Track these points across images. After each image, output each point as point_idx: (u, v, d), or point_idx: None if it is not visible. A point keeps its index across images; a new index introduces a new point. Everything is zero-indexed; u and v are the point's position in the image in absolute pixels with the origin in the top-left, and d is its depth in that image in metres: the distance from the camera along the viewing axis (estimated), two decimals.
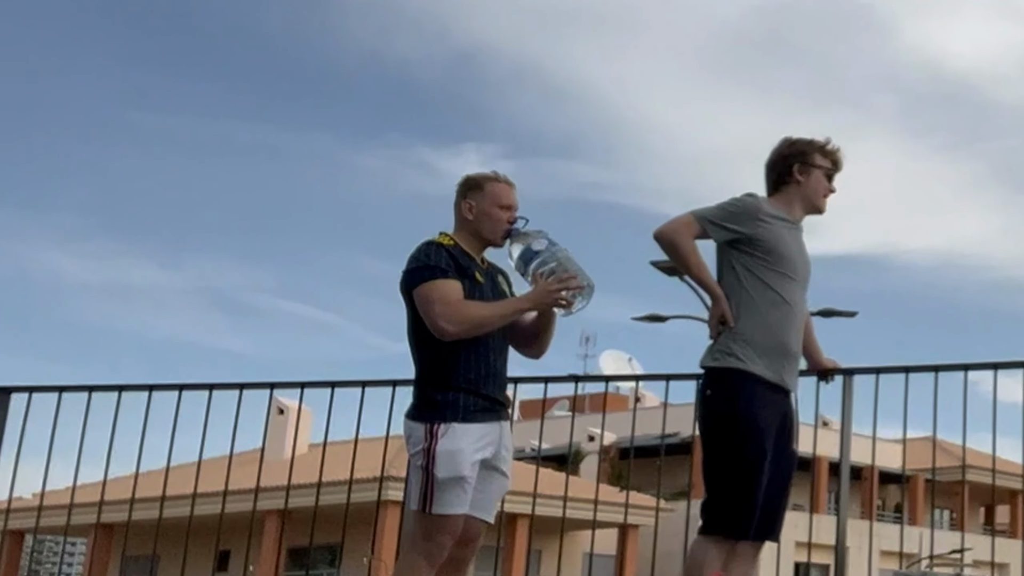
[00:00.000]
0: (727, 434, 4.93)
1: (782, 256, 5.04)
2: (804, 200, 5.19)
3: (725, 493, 4.92)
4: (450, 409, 4.75)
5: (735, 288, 5.03)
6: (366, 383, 7.06)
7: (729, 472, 4.91)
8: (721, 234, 5.02)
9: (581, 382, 8.52)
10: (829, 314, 26.26)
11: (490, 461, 4.84)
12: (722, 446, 4.94)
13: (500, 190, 4.97)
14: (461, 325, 4.73)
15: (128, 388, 7.45)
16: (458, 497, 4.71)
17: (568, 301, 4.82)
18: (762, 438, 4.92)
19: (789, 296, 5.06)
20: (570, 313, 4.88)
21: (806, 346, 5.44)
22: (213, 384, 7.31)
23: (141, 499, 8.04)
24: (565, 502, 7.60)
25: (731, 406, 4.93)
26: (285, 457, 30.06)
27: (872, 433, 6.51)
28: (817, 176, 5.19)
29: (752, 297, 5.00)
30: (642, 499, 30.77)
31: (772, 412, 4.99)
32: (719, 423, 4.96)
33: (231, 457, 7.50)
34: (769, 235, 5.03)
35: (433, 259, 4.80)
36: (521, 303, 4.88)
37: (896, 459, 38.76)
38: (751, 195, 5.14)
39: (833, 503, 38.45)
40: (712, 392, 5.00)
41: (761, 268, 5.02)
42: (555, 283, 4.79)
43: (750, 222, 5.02)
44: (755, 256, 5.02)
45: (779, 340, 5.02)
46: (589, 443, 43.53)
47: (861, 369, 6.29)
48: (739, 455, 4.90)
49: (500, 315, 4.83)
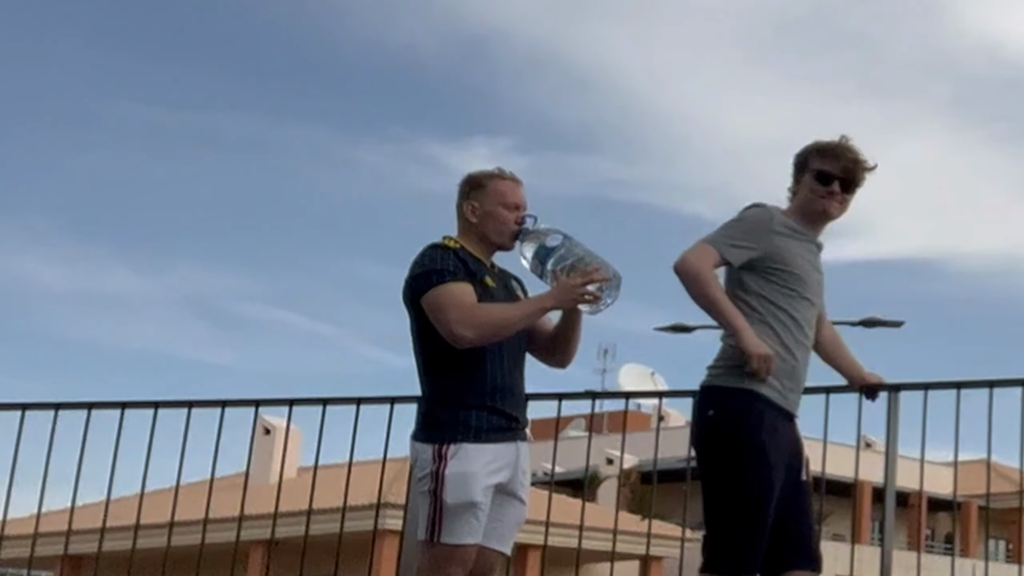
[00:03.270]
0: (731, 462, 4.90)
1: (793, 272, 5.05)
2: (800, 209, 5.18)
3: (727, 529, 4.91)
4: (460, 428, 4.74)
5: (750, 308, 5.00)
6: (361, 400, 7.06)
7: (732, 505, 4.89)
8: (741, 255, 5.01)
9: (599, 399, 8.53)
10: (873, 324, 26.26)
11: (505, 486, 4.83)
12: (725, 475, 4.91)
13: (505, 188, 4.97)
14: (480, 329, 4.71)
15: (99, 405, 7.46)
16: (470, 525, 4.70)
17: (595, 295, 4.80)
18: (770, 469, 4.90)
19: (800, 315, 5.07)
20: (598, 310, 4.86)
21: (840, 360, 5.46)
22: (192, 401, 7.33)
23: (113, 528, 8.06)
24: (581, 531, 7.60)
25: (737, 431, 4.91)
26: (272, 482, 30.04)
27: (920, 455, 6.50)
28: (806, 181, 5.16)
29: (760, 316, 4.99)
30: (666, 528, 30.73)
31: (782, 441, 4.98)
32: (722, 449, 4.94)
33: (212, 482, 7.50)
34: (783, 247, 5.04)
35: (440, 262, 4.79)
36: (544, 301, 4.86)
37: (947, 484, 38.67)
38: (758, 205, 5.16)
39: (877, 533, 38.40)
40: (715, 413, 4.98)
41: (771, 286, 5.02)
42: (578, 277, 4.78)
43: (765, 235, 5.03)
44: (765, 273, 5.02)
45: (789, 363, 5.01)
46: (607, 466, 43.51)
47: (908, 385, 6.28)
48: (744, 486, 4.88)
49: (522, 316, 4.82)
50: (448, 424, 4.75)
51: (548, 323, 5.00)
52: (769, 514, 4.89)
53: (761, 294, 5.02)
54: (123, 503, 8.85)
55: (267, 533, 7.74)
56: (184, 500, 7.43)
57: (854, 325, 24.15)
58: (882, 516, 6.49)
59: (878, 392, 5.82)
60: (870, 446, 15.35)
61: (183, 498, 7.46)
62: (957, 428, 6.38)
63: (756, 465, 4.87)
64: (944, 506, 47.83)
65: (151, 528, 9.57)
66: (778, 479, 4.92)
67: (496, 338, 4.76)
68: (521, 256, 4.94)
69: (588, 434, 9.30)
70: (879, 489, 6.59)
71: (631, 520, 31.06)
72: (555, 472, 8.89)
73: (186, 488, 7.59)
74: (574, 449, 29.44)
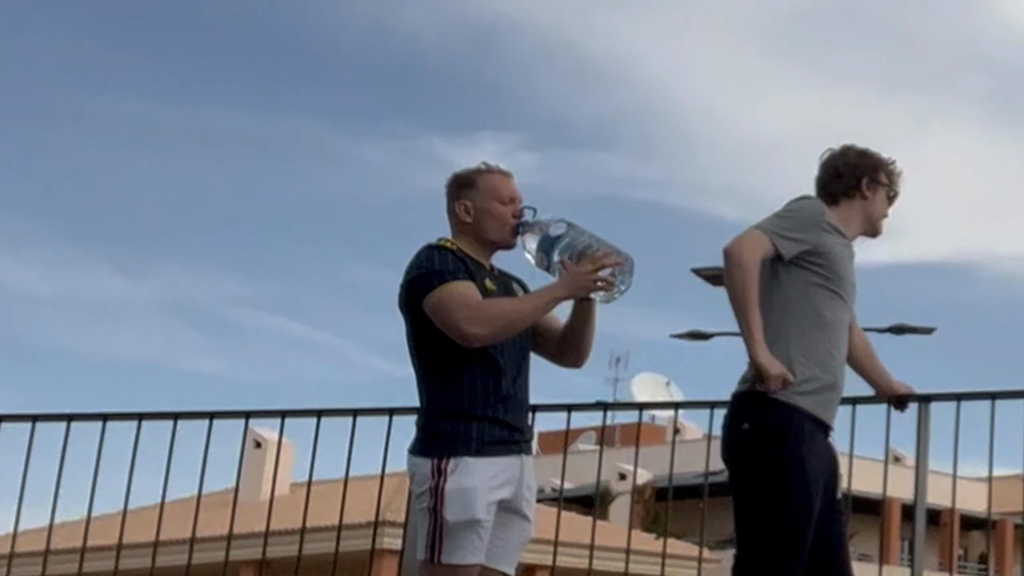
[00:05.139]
0: (769, 477, 4.89)
1: (838, 273, 5.08)
2: (866, 218, 5.28)
3: (765, 549, 4.89)
4: (461, 441, 4.72)
5: (785, 307, 5.01)
6: (358, 411, 7.07)
7: (770, 524, 4.88)
8: (793, 247, 5.01)
9: (610, 410, 8.52)
10: (902, 331, 26.21)
11: (509, 502, 4.81)
12: (762, 492, 4.91)
13: (497, 182, 4.95)
14: (491, 324, 4.70)
15: (79, 417, 7.46)
16: (472, 544, 4.68)
17: (608, 281, 4.79)
18: (809, 485, 4.89)
19: (839, 319, 5.09)
20: (612, 297, 4.84)
21: (871, 369, 5.47)
22: (178, 413, 7.33)
23: (94, 548, 8.05)
24: (591, 551, 7.59)
25: (776, 445, 4.90)
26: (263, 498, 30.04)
27: (952, 470, 6.50)
28: (881, 196, 5.29)
29: (802, 318, 5.00)
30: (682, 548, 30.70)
31: (821, 457, 4.99)
32: (759, 463, 4.92)
33: (199, 498, 7.50)
34: (830, 246, 5.07)
35: (438, 263, 4.78)
36: (555, 291, 4.83)
37: (981, 501, 38.62)
38: (810, 197, 5.19)
39: (907, 552, 38.35)
40: (750, 426, 4.96)
41: (814, 286, 5.03)
42: (589, 263, 4.78)
43: (816, 230, 5.05)
44: (811, 271, 5.04)
45: (829, 371, 5.02)
46: (620, 482, 43.51)
47: (940, 395, 6.28)
48: (783, 504, 4.87)
49: (533, 308, 4.81)
50: (448, 436, 4.73)
51: (556, 321, 4.99)
52: (809, 533, 4.88)
53: (803, 292, 5.03)
54: (105, 521, 8.84)
55: (258, 553, 7.77)
56: (170, 518, 7.43)
57: (882, 332, 24.10)
58: (912, 535, 6.49)
59: (908, 403, 5.83)
60: (899, 460, 15.35)
61: (168, 516, 7.45)
62: (992, 441, 6.39)
63: (795, 481, 4.87)
64: (978, 524, 47.76)
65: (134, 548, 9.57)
66: (818, 496, 4.92)
67: (508, 334, 4.75)
68: (524, 250, 4.92)
69: (599, 448, 9.29)
70: (909, 506, 6.59)
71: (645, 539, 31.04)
72: (564, 488, 8.88)
73: (172, 505, 7.59)
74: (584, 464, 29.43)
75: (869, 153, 5.32)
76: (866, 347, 5.48)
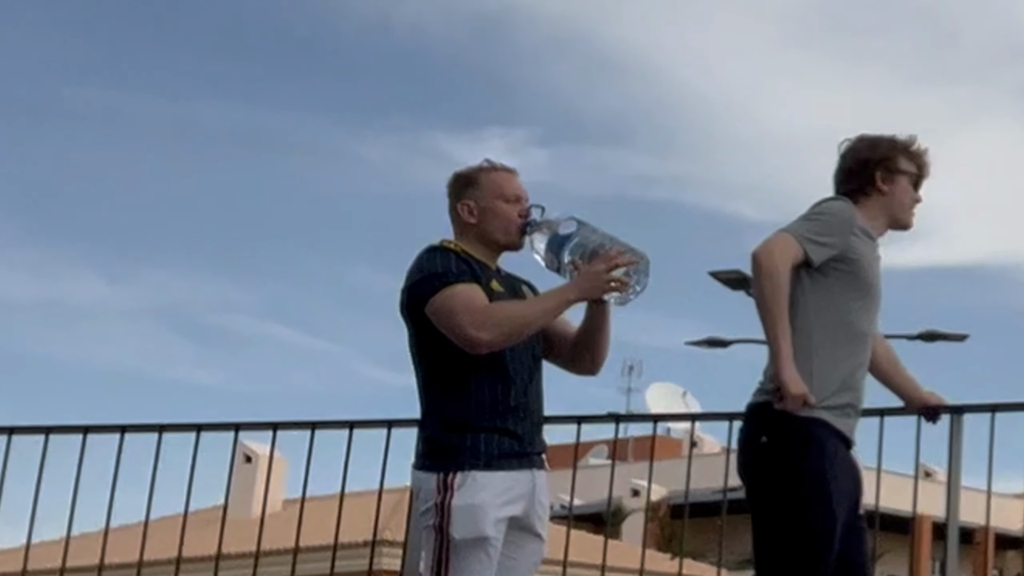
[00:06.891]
0: (790, 494, 4.89)
1: (867, 280, 5.07)
2: (889, 214, 5.23)
3: (787, 570, 4.89)
4: (468, 454, 4.71)
5: (810, 317, 4.99)
6: (354, 424, 7.07)
7: (793, 543, 4.88)
8: (823, 253, 4.99)
9: (623, 422, 8.52)
10: (933, 337, 26.21)
11: (521, 520, 4.80)
12: (783, 509, 4.90)
13: (500, 179, 4.95)
14: (498, 328, 4.68)
15: (58, 430, 7.47)
16: (480, 563, 4.67)
17: (623, 281, 4.79)
18: (834, 504, 4.89)
19: (865, 329, 5.09)
20: (627, 299, 4.84)
21: (897, 378, 5.46)
22: (164, 425, 7.34)
23: (74, 568, 8.05)
24: (603, 571, 7.59)
25: (797, 460, 4.90)
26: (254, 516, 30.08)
27: (987, 486, 6.49)
28: (903, 184, 5.22)
29: (827, 329, 4.99)
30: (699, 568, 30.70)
31: (846, 472, 4.98)
32: (780, 480, 4.92)
33: (186, 516, 7.50)
34: (860, 251, 5.06)
35: (441, 265, 4.78)
36: (567, 293, 4.82)
37: (1017, 518, 38.64)
38: (840, 198, 5.16)
39: (938, 573, 38.36)
40: (769, 439, 4.96)
41: (842, 295, 5.02)
42: (601, 263, 4.77)
43: (846, 234, 5.03)
44: (839, 277, 5.02)
45: (853, 388, 5.03)
46: (633, 498, 43.52)
47: (973, 407, 6.28)
48: (806, 522, 4.87)
49: (543, 311, 4.80)
50: (454, 449, 4.72)
51: (567, 326, 4.99)
52: (833, 551, 4.88)
53: (831, 301, 5.01)
54: (86, 540, 8.84)
55: (248, 574, 7.73)
56: (154, 537, 7.44)
57: (912, 339, 24.10)
58: (944, 555, 6.48)
59: (939, 414, 5.81)
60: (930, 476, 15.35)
61: (153, 535, 7.46)
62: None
63: (819, 498, 4.86)
64: (1014, 543, 47.76)
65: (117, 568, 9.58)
66: (841, 513, 4.92)
67: (517, 338, 4.74)
68: (532, 251, 4.92)
69: (611, 462, 9.29)
70: (940, 524, 6.59)
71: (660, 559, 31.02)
72: (574, 505, 8.88)
73: (157, 523, 7.59)
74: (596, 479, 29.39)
75: (880, 141, 5.25)
76: (889, 355, 5.46)
